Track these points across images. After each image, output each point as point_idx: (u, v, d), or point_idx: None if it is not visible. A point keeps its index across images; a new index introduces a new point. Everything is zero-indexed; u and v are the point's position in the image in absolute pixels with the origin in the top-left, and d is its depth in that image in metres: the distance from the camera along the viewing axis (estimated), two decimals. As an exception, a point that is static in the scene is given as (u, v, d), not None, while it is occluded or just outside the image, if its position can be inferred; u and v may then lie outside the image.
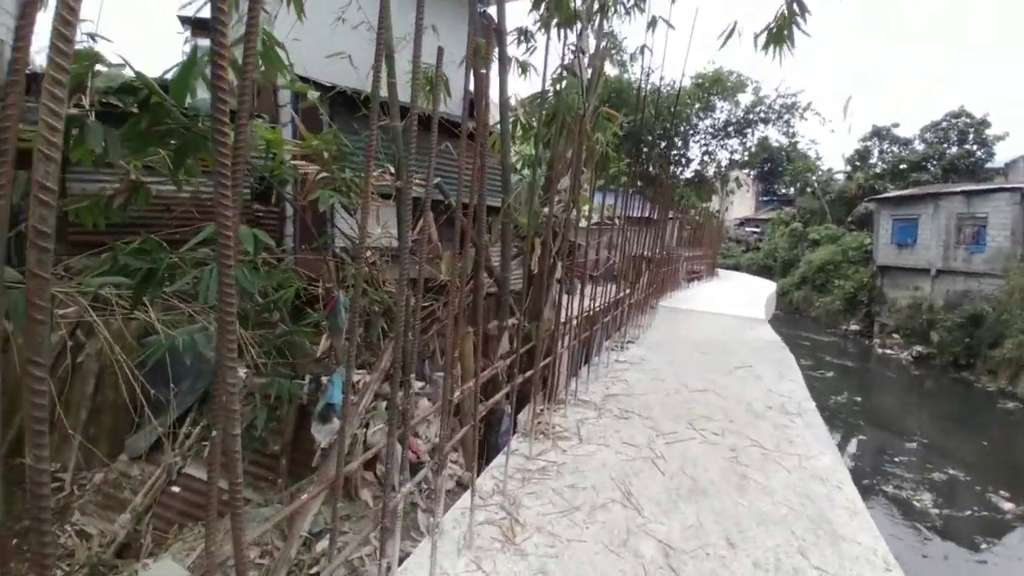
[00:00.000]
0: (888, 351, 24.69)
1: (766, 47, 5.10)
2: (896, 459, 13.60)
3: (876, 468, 13.08)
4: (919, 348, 22.82)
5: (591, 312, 5.04)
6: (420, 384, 3.74)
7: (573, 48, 4.03)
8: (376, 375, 3.57)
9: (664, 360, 6.20)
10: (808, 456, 3.81)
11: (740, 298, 13.66)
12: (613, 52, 25.54)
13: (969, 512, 10.16)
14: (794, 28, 4.94)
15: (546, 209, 3.75)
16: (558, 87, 3.78)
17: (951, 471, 11.95)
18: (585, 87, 3.85)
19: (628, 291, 7.09)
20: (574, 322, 4.30)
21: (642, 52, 5.02)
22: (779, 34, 5.09)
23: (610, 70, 25.03)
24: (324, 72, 6.33)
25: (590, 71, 3.99)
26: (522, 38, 4.32)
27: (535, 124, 4.30)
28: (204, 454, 4.79)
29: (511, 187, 3.52)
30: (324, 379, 3.76)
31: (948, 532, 9.67)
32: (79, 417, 5.68)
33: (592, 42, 3.98)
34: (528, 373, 3.25)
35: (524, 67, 4.01)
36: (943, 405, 18.28)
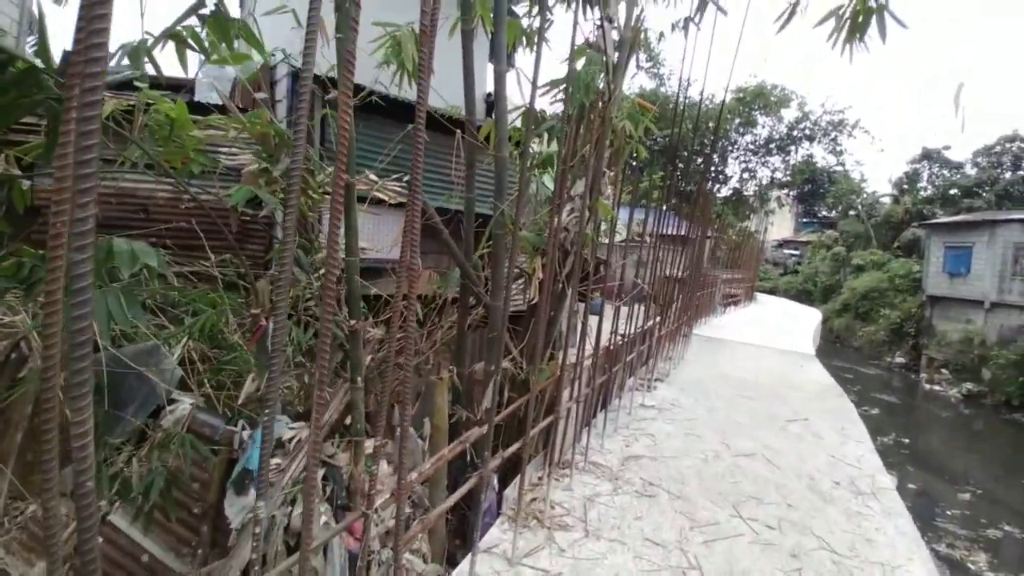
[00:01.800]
0: (936, 387, 22.98)
1: (841, 35, 4.14)
2: (948, 512, 12.23)
3: (926, 522, 11.74)
4: (969, 386, 21.12)
5: (612, 347, 4.09)
6: (373, 442, 2.88)
7: (598, 21, 3.12)
8: (314, 430, 2.71)
9: (700, 406, 5.18)
10: (895, 566, 2.79)
11: (784, 328, 12.46)
12: (649, 65, 24.65)
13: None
14: (878, 16, 3.96)
15: (557, 220, 2.84)
16: (576, 65, 2.88)
17: (1007, 527, 10.56)
18: (611, 66, 2.94)
19: (659, 318, 6.10)
20: (586, 365, 3.36)
21: (685, 26, 4.09)
22: (859, 21, 4.12)
23: (647, 82, 24.10)
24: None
25: (618, 47, 3.09)
26: (535, 5, 3.43)
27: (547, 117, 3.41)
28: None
29: (505, 189, 2.63)
30: (245, 433, 2.92)
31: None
32: (14, 440, 4.93)
33: (622, 9, 3.08)
34: (513, 447, 2.33)
35: (531, 38, 3.14)
36: (996, 449, 16.72)
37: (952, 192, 31.03)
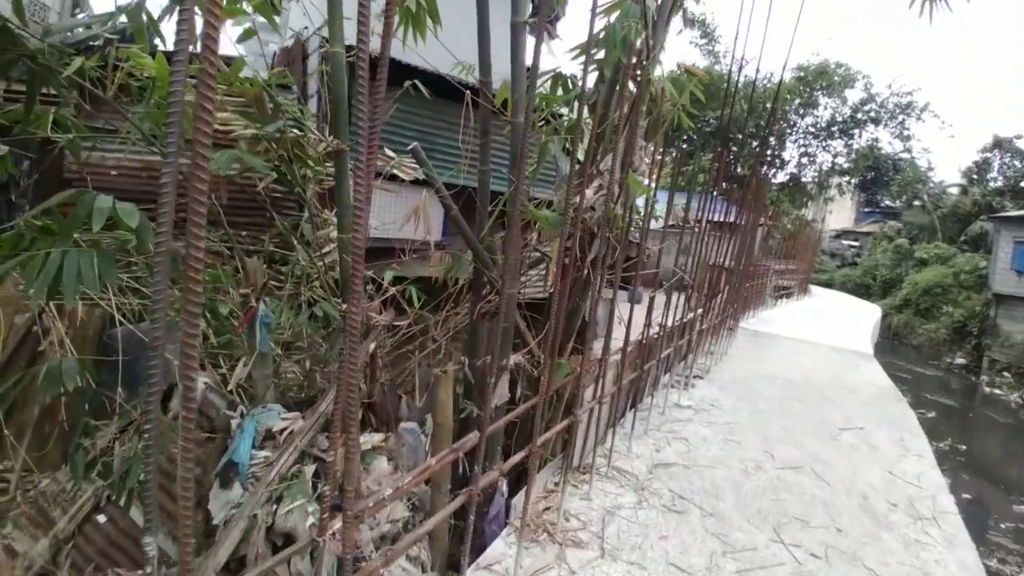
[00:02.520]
0: (997, 391, 21.52)
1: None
2: (1002, 525, 11.34)
3: (978, 535, 10.89)
4: (1032, 391, 19.77)
5: (644, 341, 3.73)
6: (377, 437, 2.62)
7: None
8: (309, 423, 2.48)
9: (743, 408, 4.76)
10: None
11: (840, 324, 11.66)
12: (704, 42, 23.46)
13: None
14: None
15: (586, 198, 2.50)
16: (610, 19, 2.50)
17: None
18: (651, 19, 2.55)
19: (701, 310, 5.66)
20: (615, 360, 3.02)
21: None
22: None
23: (701, 60, 22.99)
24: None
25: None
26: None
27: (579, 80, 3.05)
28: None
29: (522, 162, 2.29)
30: (233, 421, 2.72)
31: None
32: (31, 413, 4.96)
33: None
34: (518, 456, 2.04)
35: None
36: None
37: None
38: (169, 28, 2.79)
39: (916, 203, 34.41)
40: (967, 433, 17.82)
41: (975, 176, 32.39)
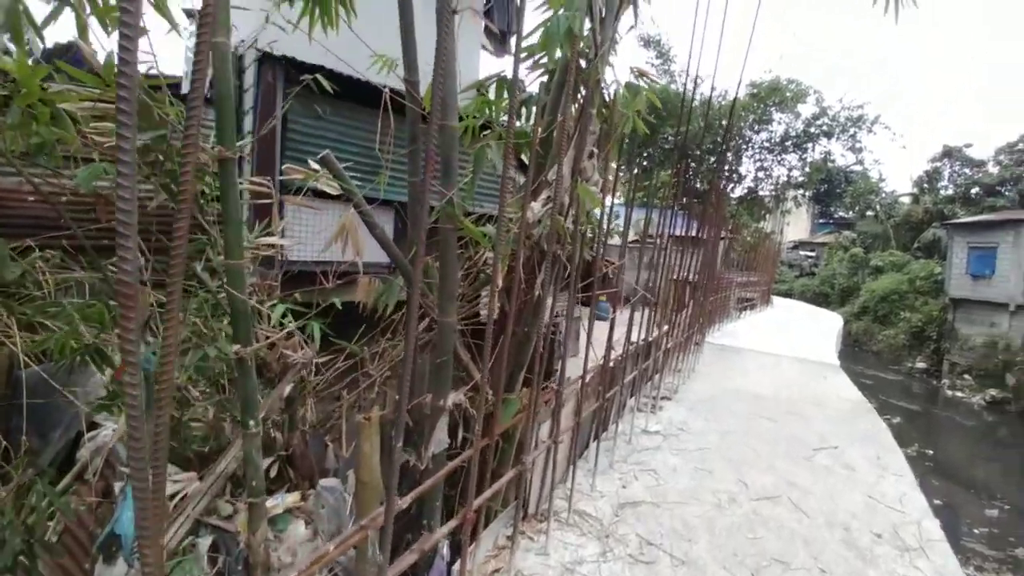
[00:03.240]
0: (958, 393, 21.99)
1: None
2: (975, 530, 11.31)
3: (953, 542, 10.85)
4: (993, 392, 20.19)
5: (606, 367, 3.43)
6: (290, 498, 2.24)
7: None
8: (206, 484, 2.08)
9: (712, 430, 4.49)
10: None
11: (804, 334, 11.66)
12: (660, 63, 23.84)
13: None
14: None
15: (529, 211, 2.20)
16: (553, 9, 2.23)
17: None
18: (599, 11, 2.29)
19: (667, 327, 5.43)
20: (576, 390, 2.71)
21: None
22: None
23: (657, 78, 23.33)
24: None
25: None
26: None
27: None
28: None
29: (454, 171, 1.98)
30: (117, 484, 2.30)
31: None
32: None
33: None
34: (450, 524, 1.69)
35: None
36: (1023, 459, 15.78)
37: (974, 191, 29.91)
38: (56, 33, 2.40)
39: (869, 213, 35.46)
40: (932, 437, 18.06)
41: (926, 185, 33.60)
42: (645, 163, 19.49)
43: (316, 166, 2.26)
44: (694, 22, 3.99)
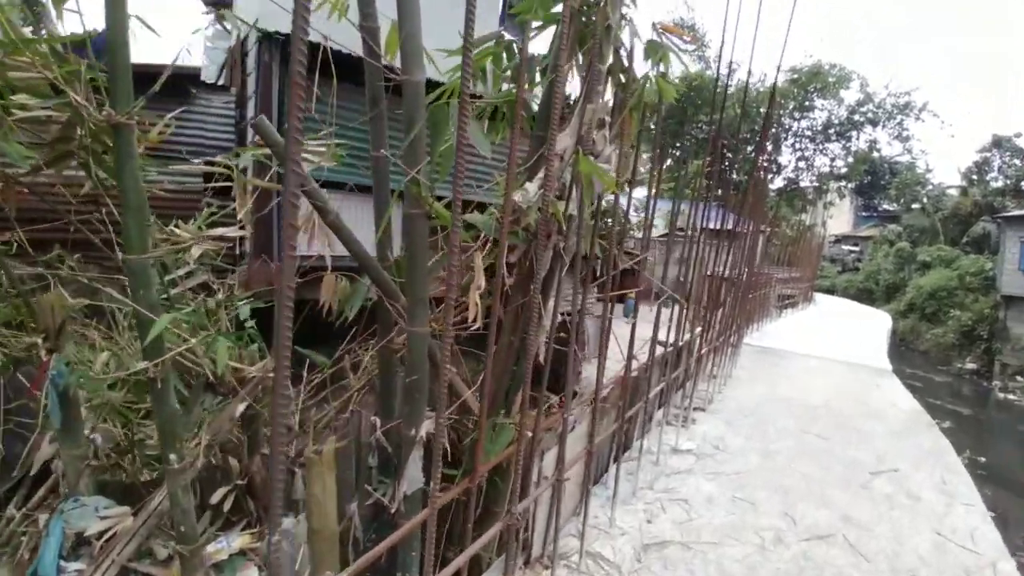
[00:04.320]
0: (1011, 396, 20.68)
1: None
2: None
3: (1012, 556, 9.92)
4: (1049, 395, 18.92)
5: (626, 378, 2.96)
6: (240, 540, 1.86)
7: None
8: (138, 523, 1.71)
9: (753, 449, 3.97)
10: None
11: (851, 335, 10.88)
12: (694, 48, 22.92)
13: None
14: None
15: (522, 193, 1.76)
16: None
17: None
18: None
19: (700, 329, 4.89)
20: (586, 408, 2.26)
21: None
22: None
23: (692, 65, 22.45)
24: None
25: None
26: None
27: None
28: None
29: (420, 141, 1.54)
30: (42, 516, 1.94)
31: None
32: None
33: None
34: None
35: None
36: None
37: (1024, 183, 28.30)
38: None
39: (915, 206, 33.96)
40: (985, 443, 17.00)
41: (975, 176, 31.92)
42: (678, 153, 18.71)
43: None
44: (728, 2, 3.49)
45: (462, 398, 1.95)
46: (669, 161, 17.98)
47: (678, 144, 21.20)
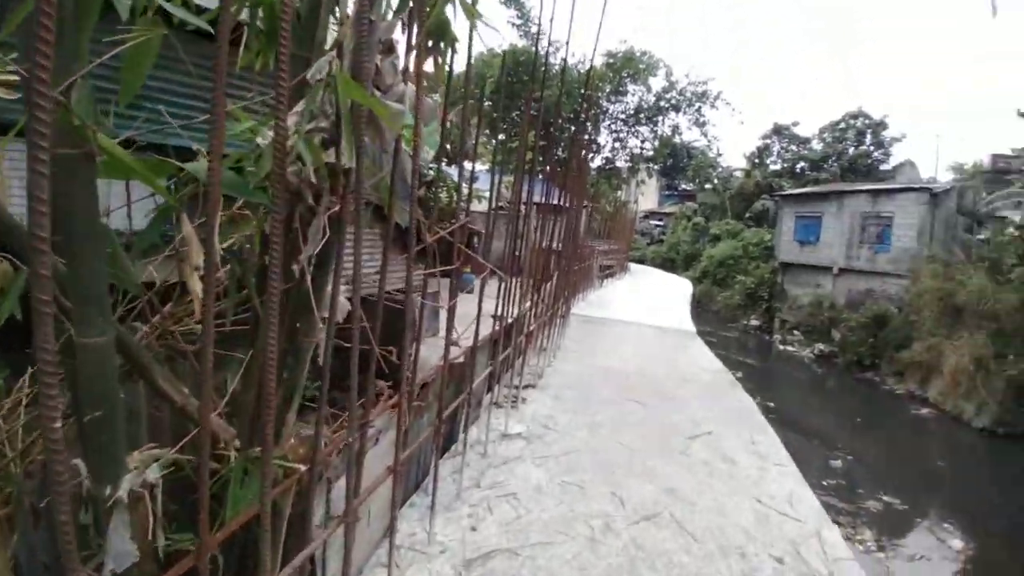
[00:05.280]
0: (789, 348, 24.25)
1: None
2: (824, 482, 11.62)
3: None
4: (821, 346, 22.43)
5: (446, 365, 2.57)
6: None
7: None
8: None
9: (581, 424, 3.86)
10: None
11: (661, 301, 11.82)
12: (521, 22, 23.12)
13: (920, 555, 8.76)
14: None
15: (262, 138, 1.23)
16: None
17: (885, 497, 10.51)
18: None
19: (530, 304, 4.70)
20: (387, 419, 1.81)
21: None
22: None
23: (517, 41, 22.65)
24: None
25: None
26: None
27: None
28: None
29: (83, 50, 0.95)
30: None
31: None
32: None
33: None
34: None
35: None
36: (854, 409, 17.08)
37: (800, 166, 33.31)
38: None
39: (708, 186, 38.17)
40: (773, 390, 18.89)
41: (757, 160, 36.74)
42: (506, 126, 18.81)
43: None
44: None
45: (195, 430, 1.37)
46: (502, 136, 17.96)
47: (508, 119, 21.36)
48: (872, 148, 30.68)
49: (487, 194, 3.27)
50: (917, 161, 31.50)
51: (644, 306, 10.59)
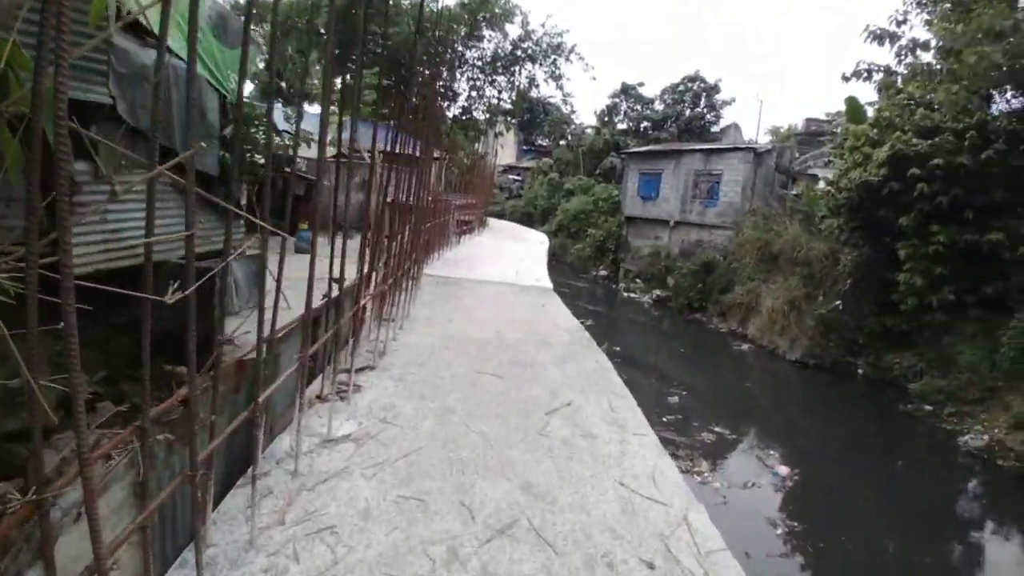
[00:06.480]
0: (632, 295, 26.07)
1: None
2: (664, 418, 12.49)
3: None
4: (658, 292, 24.37)
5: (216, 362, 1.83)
6: None
7: None
8: None
9: (427, 412, 3.30)
10: None
11: (519, 257, 11.53)
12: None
13: (751, 483, 9.61)
14: None
15: None
16: None
17: (717, 429, 11.48)
18: None
19: (369, 264, 3.94)
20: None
21: None
22: None
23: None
24: None
25: None
26: None
27: None
28: None
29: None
30: None
31: (741, 510, 8.83)
32: None
33: None
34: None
35: None
36: (685, 346, 18.90)
37: (644, 125, 35.05)
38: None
39: (563, 142, 38.98)
40: (618, 333, 20.19)
41: (607, 119, 38.04)
42: (351, 65, 17.07)
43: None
44: None
45: None
46: (347, 77, 16.19)
47: (352, 57, 19.44)
48: (705, 111, 33.02)
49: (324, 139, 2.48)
50: (741, 124, 34.65)
51: (502, 264, 10.22)
